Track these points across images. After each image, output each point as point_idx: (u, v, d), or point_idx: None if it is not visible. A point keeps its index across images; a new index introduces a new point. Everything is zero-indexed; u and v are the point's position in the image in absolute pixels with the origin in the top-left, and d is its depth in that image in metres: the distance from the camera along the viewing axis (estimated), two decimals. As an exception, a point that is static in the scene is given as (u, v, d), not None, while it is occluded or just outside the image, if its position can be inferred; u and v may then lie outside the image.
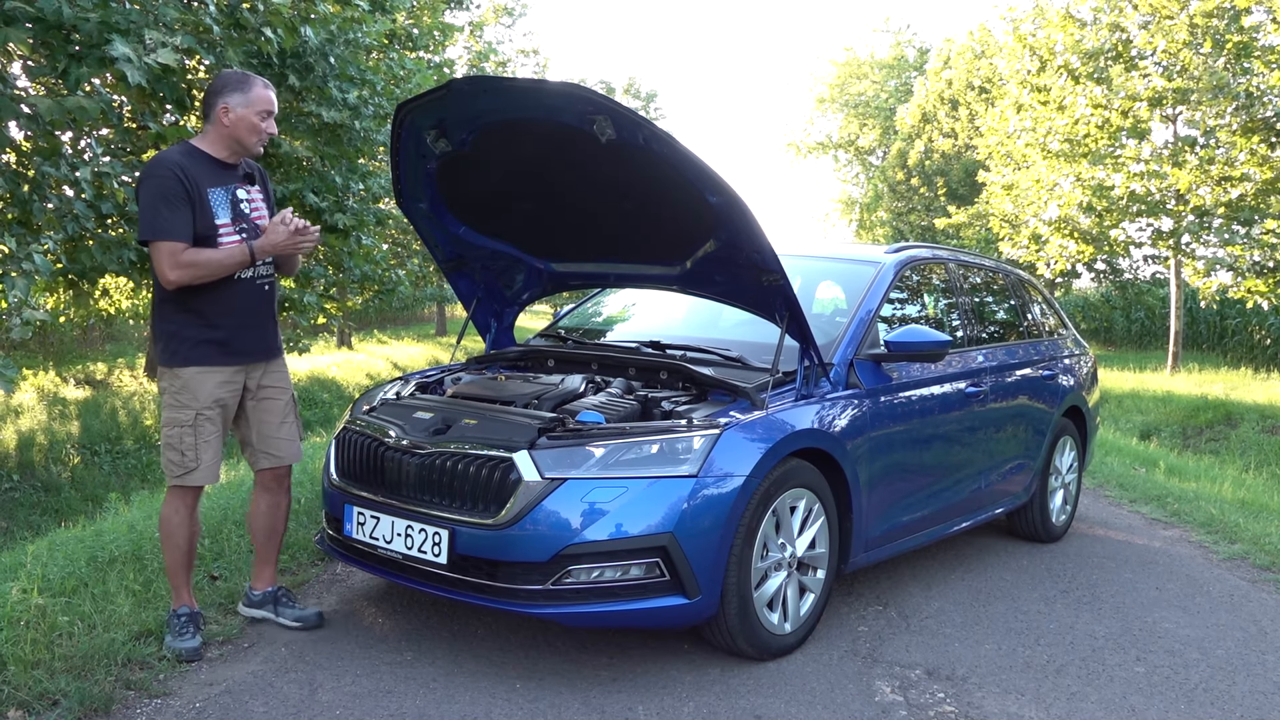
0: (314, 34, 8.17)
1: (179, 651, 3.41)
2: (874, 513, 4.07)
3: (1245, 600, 4.73)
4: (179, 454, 3.46)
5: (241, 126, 3.44)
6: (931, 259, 5.16)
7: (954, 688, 3.51)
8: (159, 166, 3.33)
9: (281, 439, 3.72)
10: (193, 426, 3.45)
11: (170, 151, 3.42)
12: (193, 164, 3.39)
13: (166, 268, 3.30)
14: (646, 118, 3.32)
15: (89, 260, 7.66)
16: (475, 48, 24.51)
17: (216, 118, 3.43)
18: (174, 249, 3.30)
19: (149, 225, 3.30)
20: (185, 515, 3.52)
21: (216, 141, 3.47)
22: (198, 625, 3.53)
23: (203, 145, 3.47)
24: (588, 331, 5.09)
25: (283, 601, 3.80)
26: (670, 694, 3.31)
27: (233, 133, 3.44)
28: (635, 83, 41.15)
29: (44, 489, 8.81)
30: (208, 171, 3.42)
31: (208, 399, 3.47)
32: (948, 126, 31.92)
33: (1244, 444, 11.93)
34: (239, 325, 3.53)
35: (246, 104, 3.43)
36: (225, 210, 3.45)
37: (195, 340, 3.44)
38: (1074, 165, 17.34)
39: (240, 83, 3.45)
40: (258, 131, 3.48)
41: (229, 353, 3.51)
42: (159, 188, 3.29)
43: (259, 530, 3.79)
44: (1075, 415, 5.87)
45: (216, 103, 3.43)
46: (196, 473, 3.47)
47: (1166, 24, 15.52)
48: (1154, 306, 25.45)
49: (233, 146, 3.48)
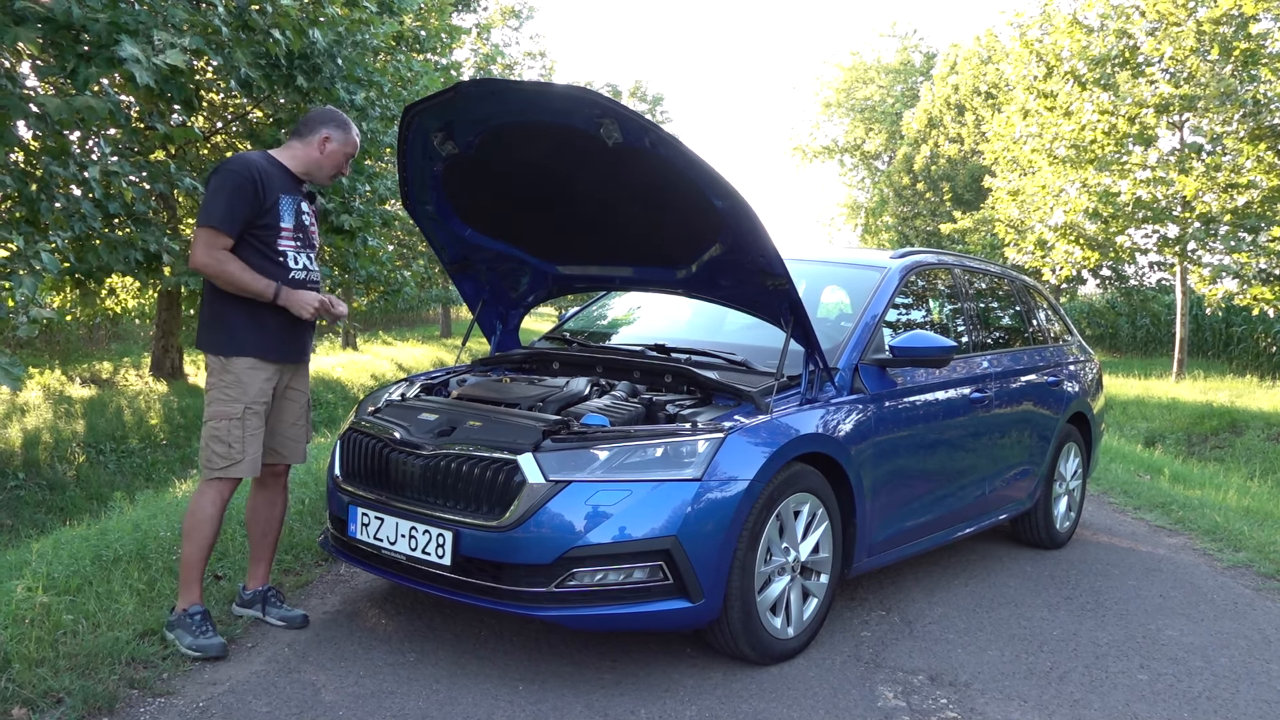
0: (322, 36, 8.20)
1: (205, 649, 3.42)
2: (878, 518, 4.07)
3: (1249, 608, 4.71)
4: (225, 445, 3.50)
5: (331, 161, 3.70)
6: (937, 264, 5.16)
7: (957, 694, 3.50)
8: (240, 163, 3.49)
9: (290, 438, 3.79)
10: (241, 420, 3.51)
11: (253, 154, 3.59)
12: (271, 169, 3.57)
13: (200, 250, 3.42)
14: (653, 121, 3.32)
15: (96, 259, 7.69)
16: (482, 50, 24.54)
17: (316, 143, 3.66)
18: (215, 237, 3.42)
19: (208, 211, 3.42)
20: (220, 508, 3.57)
21: (300, 160, 3.67)
22: (212, 623, 3.54)
23: (283, 158, 3.65)
24: (593, 334, 5.10)
25: (271, 601, 3.83)
26: (673, 697, 3.31)
27: (322, 161, 3.68)
28: (642, 86, 41.19)
29: (49, 487, 8.83)
30: (281, 179, 3.59)
31: (257, 393, 3.54)
32: (954, 132, 31.90)
33: (1249, 452, 11.89)
34: (293, 324, 3.63)
35: (344, 143, 3.70)
36: (290, 217, 3.61)
37: (255, 333, 3.53)
38: (1080, 171, 17.31)
39: (344, 124, 3.72)
40: (340, 169, 3.76)
41: (279, 350, 3.61)
42: (232, 182, 3.44)
43: (253, 527, 3.84)
44: (1080, 422, 5.86)
45: (320, 131, 3.66)
46: (241, 465, 3.53)
47: (1174, 30, 15.50)
48: (1159, 313, 25.40)
49: (311, 171, 3.69)
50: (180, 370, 13.45)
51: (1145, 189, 16.15)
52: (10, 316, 5.65)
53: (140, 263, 8.02)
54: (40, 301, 5.73)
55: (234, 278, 3.46)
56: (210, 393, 3.57)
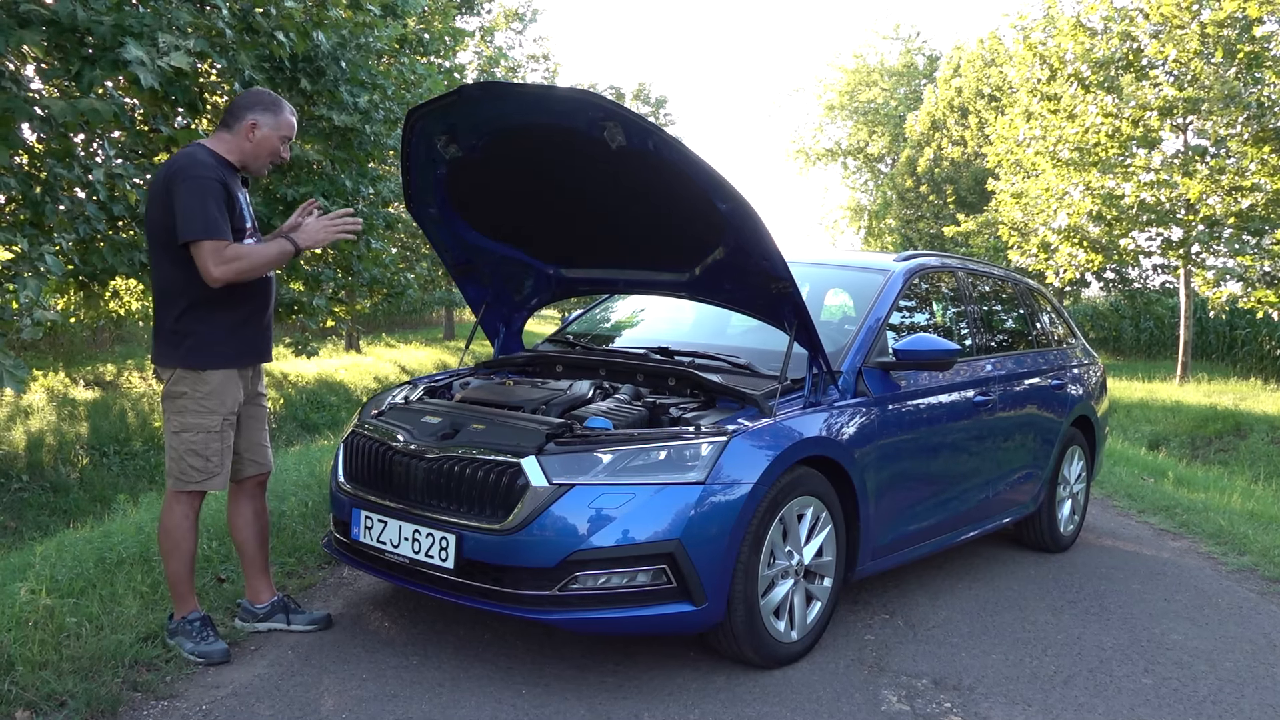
0: (326, 38, 8.20)
1: (209, 655, 3.39)
2: (881, 521, 4.06)
3: (1254, 612, 4.70)
4: (203, 460, 3.41)
5: (264, 146, 3.48)
6: (940, 267, 5.15)
7: (961, 697, 3.50)
8: (201, 167, 3.30)
9: (265, 445, 3.73)
10: (219, 432, 3.42)
11: (198, 152, 3.37)
12: (221, 166, 3.39)
13: (212, 265, 3.25)
14: (656, 124, 3.33)
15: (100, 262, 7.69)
16: (486, 53, 24.56)
17: (242, 130, 3.44)
18: (218, 246, 3.26)
19: (197, 224, 3.23)
20: (194, 520, 3.50)
21: (233, 150, 3.46)
22: (214, 627, 3.51)
23: (218, 148, 3.44)
24: (596, 337, 5.09)
25: (292, 609, 3.78)
26: (676, 701, 3.30)
27: (254, 149, 3.46)
28: (645, 88, 41.11)
29: (53, 489, 8.84)
30: (231, 174, 3.42)
31: (233, 403, 3.46)
32: (957, 134, 31.87)
33: (1253, 455, 11.87)
34: (261, 323, 3.55)
35: (275, 126, 3.48)
36: (249, 214, 3.50)
37: (223, 342, 3.42)
38: (1084, 174, 17.28)
39: (272, 104, 3.48)
40: (275, 155, 3.52)
41: (248, 353, 3.53)
42: (205, 187, 3.26)
43: (249, 540, 3.72)
44: (1084, 425, 5.85)
45: (246, 117, 3.44)
46: (218, 478, 3.45)
47: (1177, 33, 15.48)
48: (1163, 316, 25.35)
49: (245, 160, 3.49)
50: (184, 372, 13.44)
51: (1149, 192, 16.12)
52: (14, 319, 5.65)
53: (144, 265, 8.01)
54: (44, 304, 5.73)
55: (258, 261, 3.34)
56: (178, 402, 3.40)
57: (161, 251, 3.37)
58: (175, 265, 3.35)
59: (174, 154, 3.52)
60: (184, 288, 3.37)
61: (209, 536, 4.52)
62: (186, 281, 3.35)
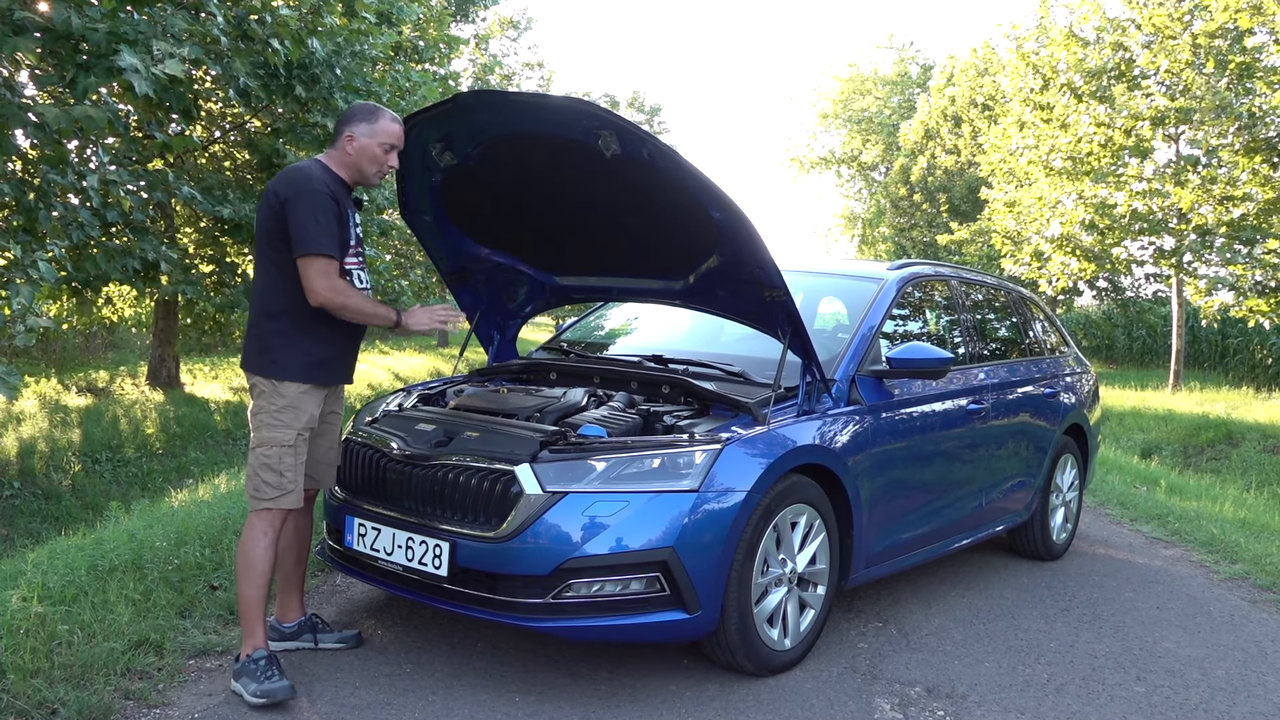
0: (321, 46, 8.21)
1: (272, 694, 3.16)
2: (875, 529, 4.07)
3: (1246, 620, 4.71)
4: (277, 475, 3.29)
5: (364, 156, 3.40)
6: (934, 276, 5.17)
7: (954, 706, 3.50)
8: (315, 182, 3.27)
9: (326, 463, 3.62)
10: (293, 447, 3.32)
11: (313, 167, 3.34)
12: (333, 181, 3.35)
13: (320, 285, 3.21)
14: (650, 132, 3.34)
15: (93, 268, 7.69)
16: (480, 60, 24.59)
17: (341, 145, 3.41)
18: (330, 266, 3.23)
19: (310, 239, 3.20)
20: (274, 540, 3.33)
21: (340, 165, 3.41)
22: (279, 664, 3.29)
23: (330, 164, 3.41)
24: (590, 345, 5.10)
25: (320, 628, 3.70)
26: (669, 709, 3.30)
27: (355, 161, 3.40)
28: (640, 96, 41.25)
29: (45, 496, 8.80)
30: (342, 190, 3.39)
31: (308, 419, 3.36)
32: (950, 143, 31.99)
33: (1245, 463, 11.90)
34: (349, 346, 3.49)
35: (371, 134, 3.39)
36: (356, 231, 3.45)
37: (311, 357, 3.34)
38: (1076, 183, 17.36)
39: (369, 114, 3.42)
40: (379, 163, 3.44)
41: (331, 373, 3.43)
42: (319, 203, 3.23)
43: (285, 555, 3.59)
44: (1076, 433, 5.87)
45: (344, 130, 3.40)
46: (292, 495, 3.33)
47: (1169, 44, 15.58)
48: (1155, 325, 25.45)
49: (353, 174, 3.43)
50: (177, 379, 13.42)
51: (1141, 201, 16.20)
52: (7, 325, 5.64)
53: (138, 271, 8.03)
54: (37, 310, 5.72)
55: (359, 309, 3.30)
56: (259, 417, 3.33)
57: (266, 258, 3.33)
58: (281, 274, 3.29)
59: (289, 166, 3.49)
60: (282, 298, 3.31)
61: (202, 544, 4.51)
62: (285, 293, 3.30)
